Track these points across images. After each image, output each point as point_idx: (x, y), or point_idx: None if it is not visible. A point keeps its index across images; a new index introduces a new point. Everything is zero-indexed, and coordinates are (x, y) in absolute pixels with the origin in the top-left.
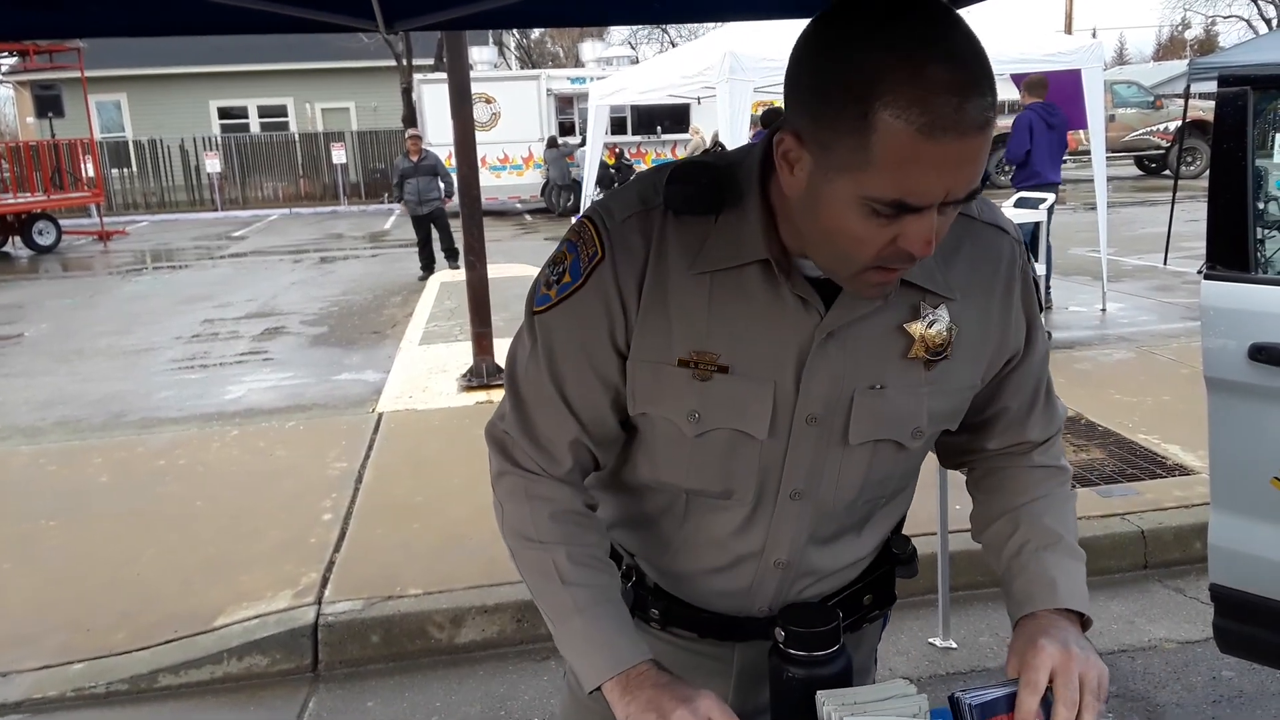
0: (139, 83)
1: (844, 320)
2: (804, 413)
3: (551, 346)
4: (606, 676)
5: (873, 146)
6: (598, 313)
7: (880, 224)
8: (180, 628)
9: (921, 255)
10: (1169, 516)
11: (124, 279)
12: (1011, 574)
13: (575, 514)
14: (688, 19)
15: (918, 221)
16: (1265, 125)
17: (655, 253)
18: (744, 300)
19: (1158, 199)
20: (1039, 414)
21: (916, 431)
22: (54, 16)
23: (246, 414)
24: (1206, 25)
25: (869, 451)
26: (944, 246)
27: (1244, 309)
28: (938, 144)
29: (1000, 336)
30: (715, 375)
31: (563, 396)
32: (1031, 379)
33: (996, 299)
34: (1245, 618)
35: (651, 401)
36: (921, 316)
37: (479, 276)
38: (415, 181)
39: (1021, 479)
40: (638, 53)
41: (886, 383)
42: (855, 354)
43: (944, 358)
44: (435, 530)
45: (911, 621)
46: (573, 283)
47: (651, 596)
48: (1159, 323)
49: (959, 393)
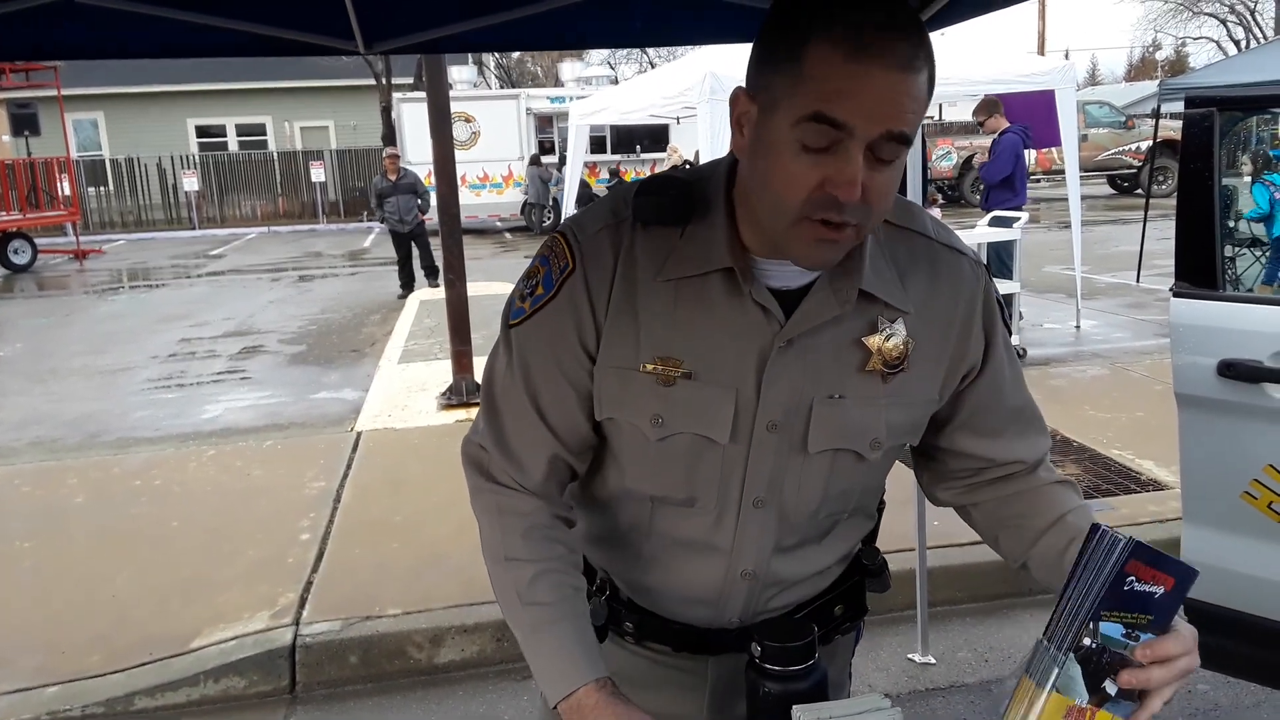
0: (116, 101)
1: (802, 328)
2: (765, 419)
3: (526, 359)
4: (560, 696)
5: (803, 70)
6: (569, 323)
7: (810, 162)
8: (156, 650)
9: (847, 199)
10: (1144, 531)
11: (100, 298)
12: None
13: (545, 529)
14: (666, 42)
15: (843, 162)
16: (1231, 145)
17: (624, 262)
18: (707, 308)
19: (1130, 217)
20: (1026, 431)
21: (875, 443)
22: (37, 40)
23: (223, 433)
24: (1177, 46)
25: (829, 461)
26: (901, 264)
27: (1212, 326)
28: (862, 67)
29: (959, 352)
30: (679, 380)
31: (537, 408)
32: (1004, 395)
33: (957, 317)
34: (1219, 631)
35: (617, 406)
36: (879, 330)
37: (459, 294)
38: (395, 200)
39: (1049, 495)
40: (617, 72)
41: (845, 393)
42: (814, 364)
43: (901, 370)
44: (414, 549)
45: (890, 637)
46: (545, 294)
47: (625, 610)
48: (1132, 339)
49: (917, 406)
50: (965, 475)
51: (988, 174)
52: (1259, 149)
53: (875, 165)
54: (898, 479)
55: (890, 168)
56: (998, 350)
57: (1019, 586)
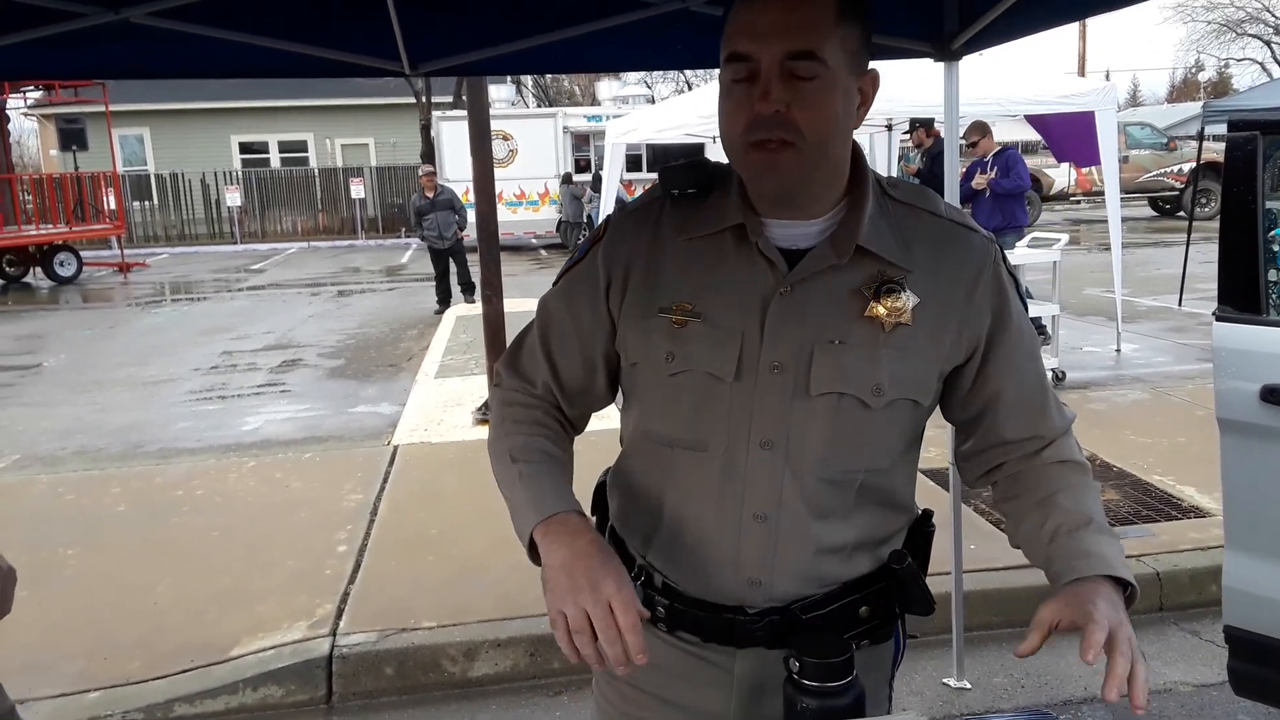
0: (162, 117)
1: (803, 275)
2: (768, 360)
3: (548, 309)
4: (532, 524)
5: (726, 28)
6: (587, 284)
7: (739, 96)
8: (196, 657)
9: (762, 110)
10: (1184, 559)
11: (143, 310)
12: (1050, 559)
13: (535, 417)
14: (705, 66)
15: (759, 85)
16: (1275, 169)
17: (653, 232)
18: (720, 262)
19: (1172, 240)
20: (1041, 409)
21: (877, 389)
22: (95, 59)
23: (263, 445)
24: (1220, 68)
25: (833, 405)
26: (906, 231)
27: (1255, 350)
28: (751, 4)
29: (962, 319)
30: (690, 323)
31: (546, 348)
32: (1018, 369)
33: (962, 286)
34: (1260, 660)
35: (638, 350)
36: (879, 283)
37: (495, 310)
38: (434, 217)
39: (1040, 475)
40: (653, 91)
41: (845, 339)
42: (816, 311)
43: (902, 322)
44: (449, 563)
45: (926, 661)
46: (575, 259)
47: (658, 595)
48: (1174, 364)
49: (919, 362)
50: (983, 451)
51: (1011, 185)
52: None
53: (794, 84)
54: (933, 502)
55: (811, 85)
56: (1009, 326)
57: None
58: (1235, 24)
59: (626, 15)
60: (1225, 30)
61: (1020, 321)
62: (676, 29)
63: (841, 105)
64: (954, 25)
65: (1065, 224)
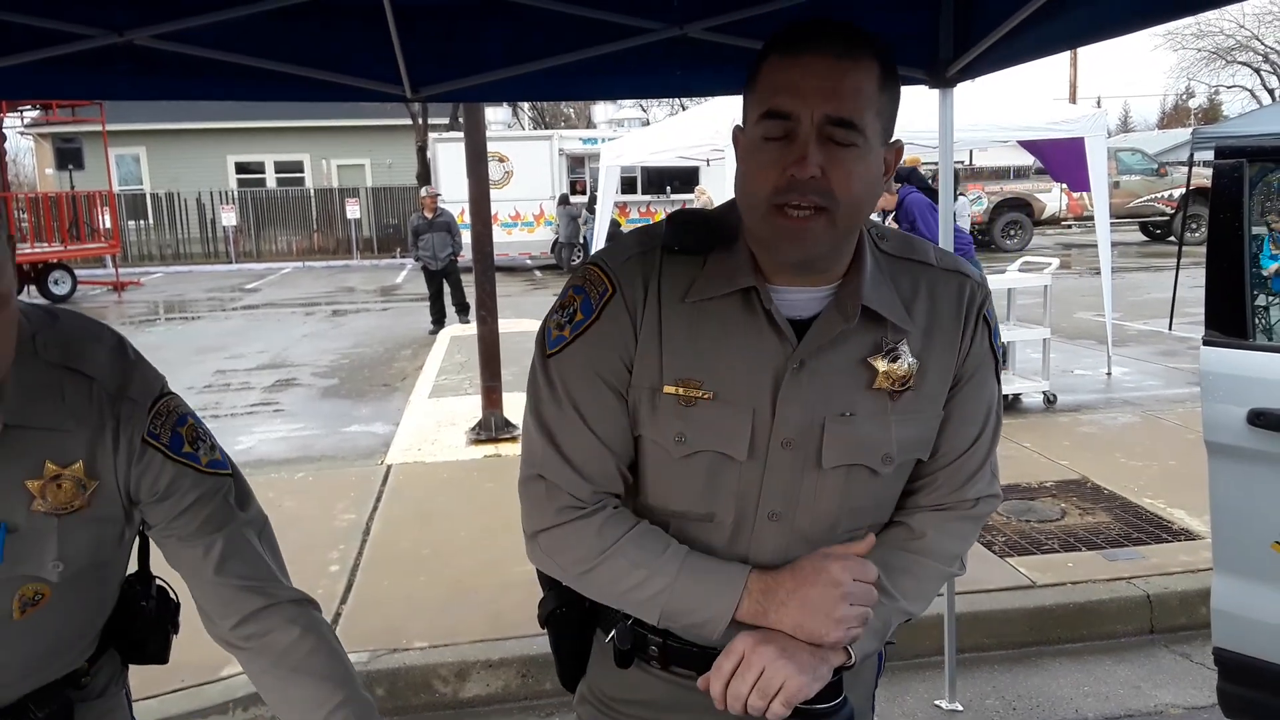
0: (158, 137)
1: (814, 347)
2: (780, 437)
3: (569, 382)
4: (732, 603)
5: (758, 81)
6: (612, 344)
7: (771, 155)
8: (187, 677)
9: (801, 175)
10: (1175, 581)
11: (137, 329)
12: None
13: (622, 514)
14: (696, 94)
15: (795, 145)
16: (1262, 195)
17: (652, 290)
18: (726, 330)
19: (1162, 264)
20: (959, 469)
21: (886, 458)
22: (99, 81)
23: (256, 464)
24: (1210, 94)
25: (843, 476)
26: (904, 292)
27: (1243, 375)
28: (797, 59)
29: (954, 365)
30: (699, 401)
31: (588, 425)
32: (961, 422)
33: (955, 335)
34: (1250, 682)
35: (646, 426)
36: (884, 351)
37: (490, 330)
38: (430, 238)
39: (888, 530)
40: (648, 115)
41: (855, 411)
42: (826, 384)
43: (908, 389)
44: (442, 583)
45: (917, 684)
46: (585, 320)
47: (650, 634)
48: (1164, 387)
49: (924, 422)
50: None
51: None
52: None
53: (831, 149)
54: None
55: (848, 153)
56: (973, 375)
57: (1049, 635)
58: (1225, 51)
59: (625, 41)
60: (1215, 58)
61: (981, 375)
62: (675, 56)
63: (874, 174)
64: (949, 53)
65: (1056, 248)
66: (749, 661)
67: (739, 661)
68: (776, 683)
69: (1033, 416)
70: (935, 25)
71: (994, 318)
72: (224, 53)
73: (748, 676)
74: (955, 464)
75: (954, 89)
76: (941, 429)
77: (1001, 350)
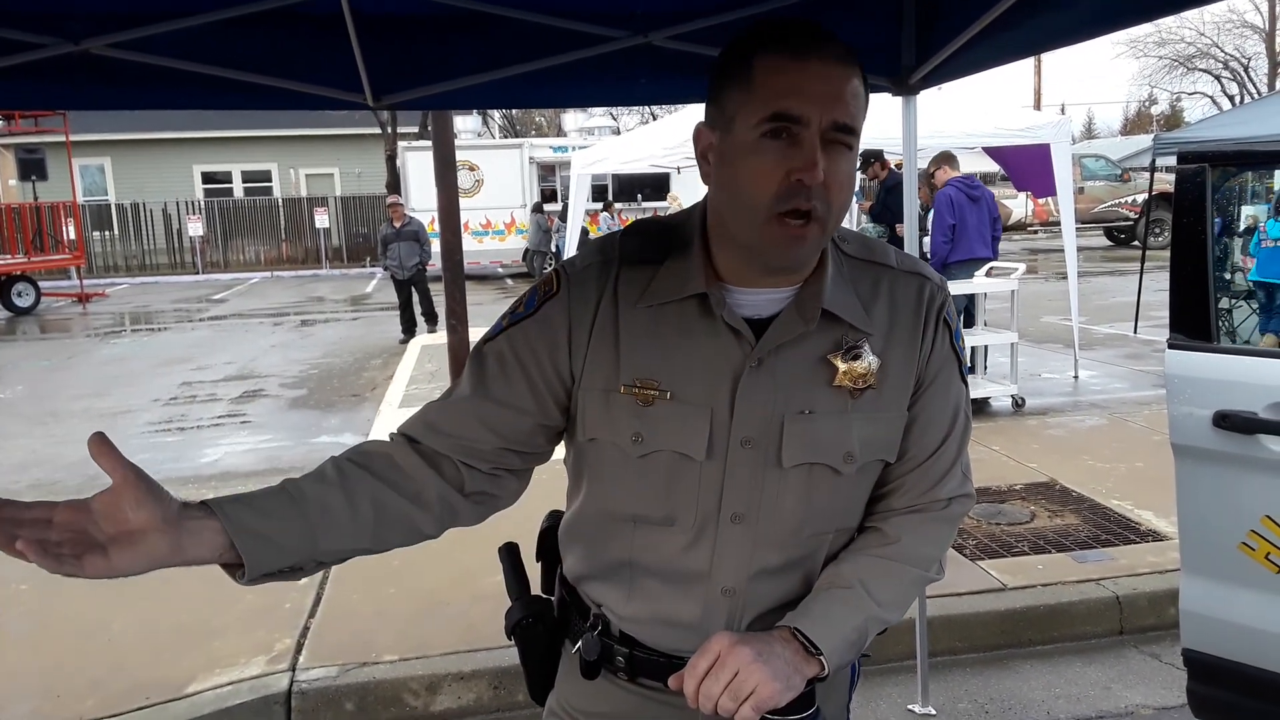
0: (123, 147)
1: (772, 346)
2: (739, 435)
3: (485, 358)
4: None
5: (754, 81)
6: (542, 339)
7: (774, 157)
8: (152, 695)
9: (811, 182)
10: (1143, 582)
11: (102, 341)
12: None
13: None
14: (663, 102)
15: (803, 149)
16: (1223, 200)
17: (608, 294)
18: (683, 332)
19: (1127, 269)
20: (928, 472)
21: (848, 456)
22: (56, 91)
23: (222, 477)
24: (1172, 101)
25: (804, 475)
26: (864, 295)
27: (1208, 377)
28: (804, 63)
29: (917, 367)
30: (657, 401)
31: (476, 393)
32: (927, 423)
33: (915, 336)
34: (1218, 682)
35: (600, 427)
36: (844, 349)
37: (461, 339)
38: (398, 247)
39: (861, 536)
40: (619, 123)
41: (815, 409)
42: (784, 382)
43: (869, 388)
44: (412, 595)
45: (890, 688)
46: (525, 312)
47: (616, 644)
48: (1131, 390)
49: (887, 423)
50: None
51: (933, 235)
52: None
53: (830, 153)
54: None
55: (845, 158)
56: (937, 377)
57: (1020, 637)
58: (1186, 59)
59: (590, 49)
60: (1176, 65)
61: (945, 377)
62: (639, 64)
63: (855, 178)
64: (911, 60)
65: (1023, 253)
66: (724, 662)
67: (714, 661)
68: (749, 686)
69: (1001, 420)
70: (898, 35)
71: (954, 319)
72: (183, 61)
73: (721, 677)
74: (924, 466)
75: (917, 96)
76: (908, 432)
77: (964, 351)
